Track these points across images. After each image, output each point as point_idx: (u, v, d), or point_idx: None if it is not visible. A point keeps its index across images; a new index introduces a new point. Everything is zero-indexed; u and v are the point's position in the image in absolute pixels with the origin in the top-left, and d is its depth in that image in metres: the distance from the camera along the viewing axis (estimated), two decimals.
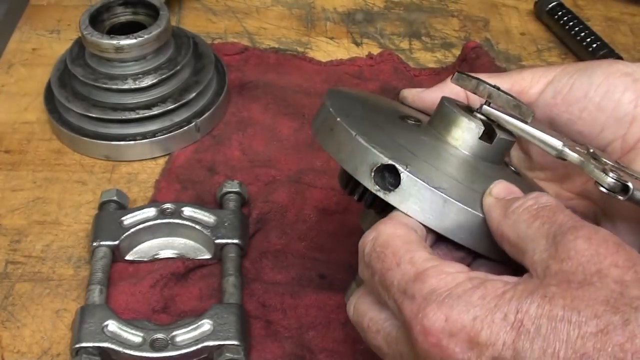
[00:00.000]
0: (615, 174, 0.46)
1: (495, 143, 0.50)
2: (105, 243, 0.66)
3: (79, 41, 0.80)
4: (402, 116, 0.53)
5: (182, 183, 0.74)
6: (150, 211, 0.68)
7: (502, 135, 0.50)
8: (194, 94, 0.78)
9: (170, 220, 0.68)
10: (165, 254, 0.68)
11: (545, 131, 0.50)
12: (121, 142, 0.76)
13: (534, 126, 0.50)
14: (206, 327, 0.59)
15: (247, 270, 0.67)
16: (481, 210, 0.45)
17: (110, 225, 0.67)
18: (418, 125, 0.52)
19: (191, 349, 0.58)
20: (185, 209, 0.69)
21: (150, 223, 0.68)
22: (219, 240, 0.66)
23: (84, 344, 0.58)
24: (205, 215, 0.68)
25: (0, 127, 0.81)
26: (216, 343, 0.58)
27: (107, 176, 0.76)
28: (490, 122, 0.50)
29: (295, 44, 0.93)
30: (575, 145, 0.49)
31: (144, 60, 0.77)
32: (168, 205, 0.69)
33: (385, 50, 0.91)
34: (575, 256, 0.39)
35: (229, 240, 0.66)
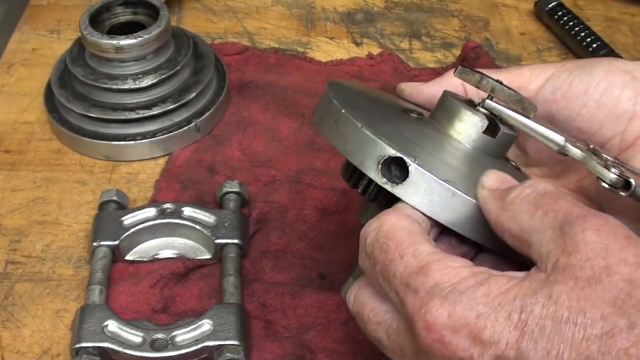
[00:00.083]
0: (617, 169, 0.46)
1: (498, 137, 0.50)
2: (105, 243, 0.66)
3: (79, 41, 0.80)
4: (405, 109, 0.53)
5: (182, 183, 0.74)
6: (150, 211, 0.68)
7: (505, 129, 0.50)
8: (194, 94, 0.78)
9: (170, 220, 0.68)
10: (165, 254, 0.68)
11: (547, 126, 0.50)
12: (121, 142, 0.76)
13: (536, 121, 0.50)
14: (206, 327, 0.59)
15: (247, 270, 0.67)
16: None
17: (110, 225, 0.67)
18: (421, 118, 0.52)
19: (191, 349, 0.58)
20: (185, 209, 0.69)
21: (150, 223, 0.68)
22: (219, 240, 0.66)
23: (84, 344, 0.58)
24: (205, 215, 0.68)
25: (0, 127, 0.81)
26: (216, 343, 0.58)
27: (107, 176, 0.76)
28: (492, 117, 0.50)
29: (295, 44, 0.93)
30: (576, 141, 0.49)
31: (144, 60, 0.77)
32: (168, 205, 0.69)
33: (385, 50, 0.91)
34: (584, 249, 0.38)
35: (229, 240, 0.66)
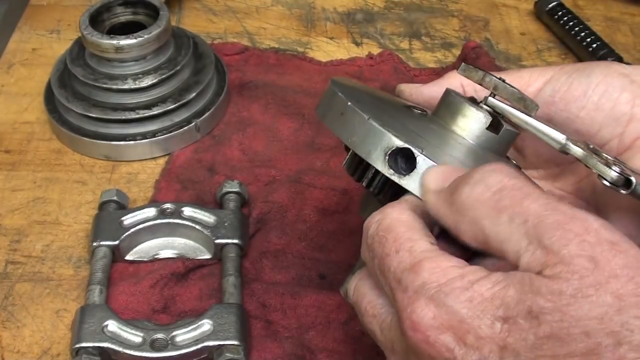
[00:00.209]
0: (619, 167, 0.46)
1: (501, 134, 0.50)
2: (105, 243, 0.66)
3: (79, 41, 0.80)
4: (408, 106, 0.53)
5: (182, 183, 0.74)
6: (150, 211, 0.68)
7: (508, 126, 0.50)
8: (194, 94, 0.78)
9: (170, 220, 0.68)
10: (165, 254, 0.68)
11: (549, 125, 0.50)
12: (121, 142, 0.76)
13: (538, 119, 0.50)
14: (206, 327, 0.59)
15: (247, 270, 0.67)
16: None
17: (110, 225, 0.67)
18: (424, 114, 0.52)
19: (191, 349, 0.58)
20: (185, 209, 0.69)
21: (150, 223, 0.68)
22: (219, 240, 0.66)
23: (84, 344, 0.58)
24: (205, 215, 0.68)
25: (0, 127, 0.81)
26: (216, 343, 0.58)
27: (107, 176, 0.76)
28: (495, 114, 0.50)
29: (295, 44, 0.93)
30: (576, 140, 0.49)
31: (144, 60, 0.77)
32: (168, 205, 0.69)
33: (385, 50, 0.91)
34: (570, 263, 0.37)
35: (229, 240, 0.66)
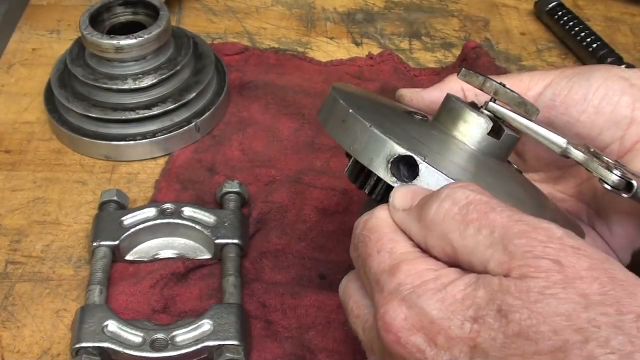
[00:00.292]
0: (619, 171, 0.46)
1: (502, 139, 0.50)
2: (105, 243, 0.66)
3: (79, 41, 0.80)
4: (408, 112, 0.53)
5: (182, 183, 0.74)
6: (150, 211, 0.68)
7: (509, 131, 0.50)
8: (194, 94, 0.78)
9: (170, 220, 0.68)
10: (165, 254, 0.68)
11: (550, 129, 0.50)
12: (121, 142, 0.76)
13: (539, 124, 0.50)
14: (206, 327, 0.59)
15: (247, 270, 0.67)
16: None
17: (110, 225, 0.67)
18: (425, 120, 0.52)
19: (191, 349, 0.58)
20: (185, 209, 0.69)
21: (150, 223, 0.68)
22: (219, 240, 0.66)
23: (84, 344, 0.58)
24: (205, 215, 0.68)
25: (0, 127, 0.81)
26: (216, 343, 0.58)
27: (107, 176, 0.76)
28: (496, 119, 0.50)
29: (295, 44, 0.93)
30: (577, 144, 0.49)
31: (144, 60, 0.77)
32: (168, 205, 0.69)
33: (385, 50, 0.91)
34: (535, 264, 0.37)
35: (229, 240, 0.66)
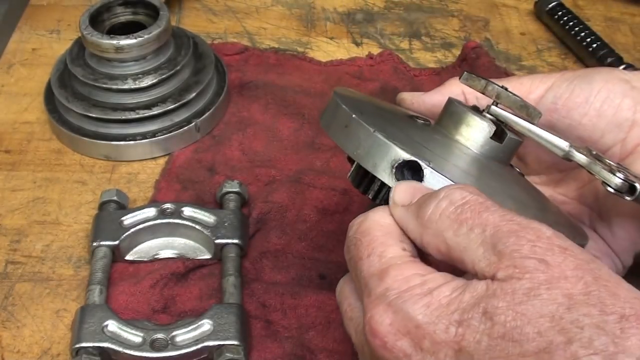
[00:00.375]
0: (623, 173, 0.46)
1: (505, 143, 0.50)
2: (105, 243, 0.66)
3: (79, 41, 0.80)
4: (410, 116, 0.53)
5: (182, 183, 0.74)
6: (150, 211, 0.68)
7: (511, 135, 0.50)
8: (194, 94, 0.78)
9: (170, 220, 0.68)
10: (165, 254, 0.68)
11: (552, 132, 0.50)
12: (121, 142, 0.76)
13: (541, 127, 0.50)
14: (206, 327, 0.59)
15: (247, 270, 0.67)
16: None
17: (110, 225, 0.67)
18: (427, 124, 0.52)
19: (191, 349, 0.58)
20: (185, 209, 0.69)
21: (150, 223, 0.68)
22: (219, 240, 0.66)
23: (84, 344, 0.58)
24: (205, 215, 0.68)
25: (0, 127, 0.81)
26: (216, 343, 0.58)
27: (107, 176, 0.76)
28: (498, 123, 0.50)
29: (295, 44, 0.93)
30: (579, 147, 0.49)
31: (144, 60, 0.77)
32: (168, 205, 0.69)
33: (385, 50, 0.91)
34: (521, 264, 0.37)
35: (229, 240, 0.66)
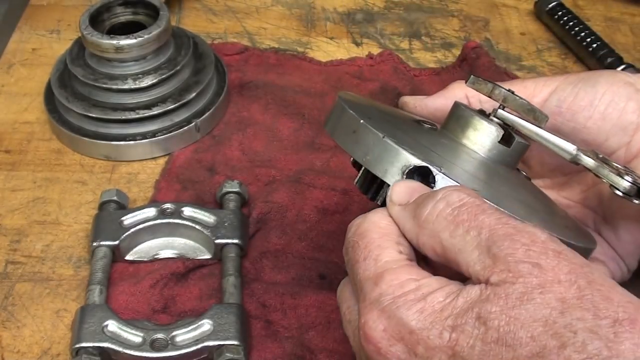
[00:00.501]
0: (631, 177, 0.46)
1: (513, 147, 0.50)
2: (105, 243, 0.66)
3: (79, 41, 0.80)
4: (416, 120, 0.53)
5: (182, 183, 0.74)
6: (150, 211, 0.68)
7: (518, 139, 0.50)
8: (194, 94, 0.78)
9: (170, 220, 0.68)
10: (165, 254, 0.68)
11: (559, 136, 0.50)
12: (121, 142, 0.76)
13: (548, 131, 0.50)
14: (206, 327, 0.59)
15: (247, 270, 0.67)
16: (516, 213, 0.43)
17: (110, 225, 0.67)
18: (434, 129, 0.52)
19: (191, 349, 0.58)
20: (185, 209, 0.69)
21: (150, 223, 0.68)
22: (219, 240, 0.66)
23: (84, 344, 0.58)
24: (205, 215, 0.68)
25: (0, 127, 0.81)
26: (216, 343, 0.58)
27: (107, 176, 0.76)
28: (505, 127, 0.50)
29: (295, 44, 0.93)
30: (586, 150, 0.49)
31: (144, 60, 0.77)
32: (168, 205, 0.69)
33: (385, 50, 0.90)
34: (515, 268, 0.37)
35: (229, 240, 0.66)
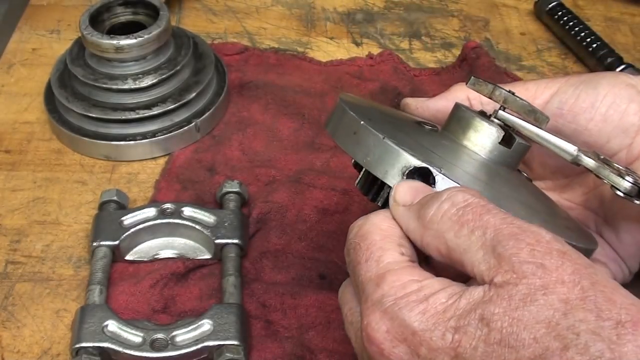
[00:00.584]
0: (632, 177, 0.46)
1: (513, 148, 0.50)
2: (105, 243, 0.66)
3: (79, 41, 0.80)
4: (417, 122, 0.53)
5: (182, 183, 0.74)
6: (150, 211, 0.68)
7: (519, 140, 0.50)
8: (194, 94, 0.78)
9: (170, 220, 0.68)
10: (165, 254, 0.68)
11: (560, 137, 0.50)
12: (121, 142, 0.76)
13: (549, 132, 0.50)
14: (206, 327, 0.59)
15: (247, 270, 0.67)
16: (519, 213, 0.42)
17: (110, 225, 0.67)
18: (435, 130, 0.52)
19: (191, 349, 0.58)
20: (185, 209, 0.69)
21: (150, 223, 0.68)
22: (219, 240, 0.66)
23: (84, 344, 0.58)
24: (205, 215, 0.68)
25: (0, 127, 0.81)
26: (216, 343, 0.58)
27: (107, 176, 0.76)
28: (506, 128, 0.50)
29: (295, 44, 0.93)
30: (587, 151, 0.49)
31: (144, 60, 0.77)
32: (168, 205, 0.69)
33: (385, 50, 0.90)
34: (519, 269, 0.37)
35: (229, 240, 0.66)
